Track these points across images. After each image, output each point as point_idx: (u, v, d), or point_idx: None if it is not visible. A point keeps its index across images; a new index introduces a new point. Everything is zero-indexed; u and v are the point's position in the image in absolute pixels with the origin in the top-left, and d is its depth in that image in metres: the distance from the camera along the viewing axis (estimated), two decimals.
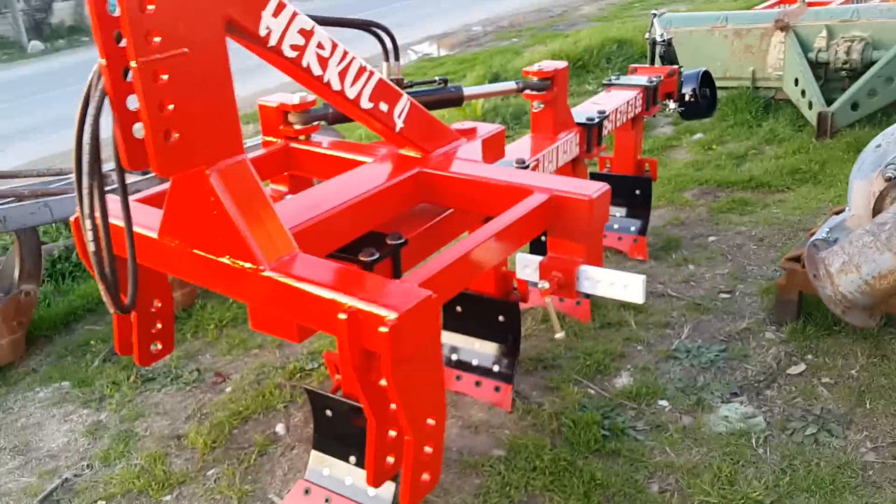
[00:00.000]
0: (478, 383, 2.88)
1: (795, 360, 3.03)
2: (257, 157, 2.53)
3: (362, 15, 2.68)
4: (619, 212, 4.06)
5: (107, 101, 1.47)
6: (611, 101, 3.60)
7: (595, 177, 4.07)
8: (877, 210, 2.79)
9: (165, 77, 1.46)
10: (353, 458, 2.30)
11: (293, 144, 2.53)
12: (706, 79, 4.52)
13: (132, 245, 1.62)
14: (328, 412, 2.30)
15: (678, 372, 3.03)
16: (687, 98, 4.38)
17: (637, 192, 3.99)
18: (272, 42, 1.70)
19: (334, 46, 1.86)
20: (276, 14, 1.69)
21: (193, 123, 1.55)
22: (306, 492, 2.39)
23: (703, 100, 4.50)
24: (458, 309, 2.84)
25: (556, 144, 3.01)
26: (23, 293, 3.34)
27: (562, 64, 3.02)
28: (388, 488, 2.37)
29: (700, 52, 6.34)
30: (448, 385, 2.75)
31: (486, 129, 2.56)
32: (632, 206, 4.04)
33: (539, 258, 2.10)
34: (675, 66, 4.13)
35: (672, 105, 4.44)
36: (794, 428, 2.67)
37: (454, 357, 2.87)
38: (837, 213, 3.12)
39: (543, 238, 2.15)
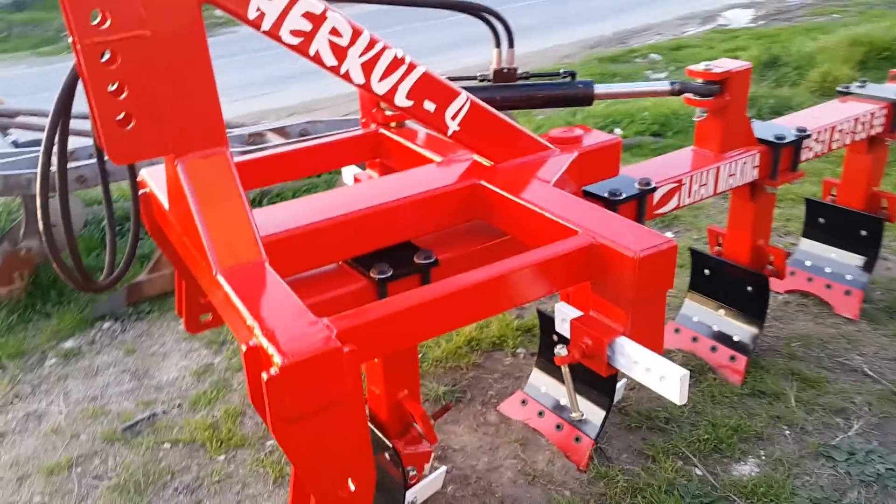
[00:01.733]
0: (558, 427, 2.51)
1: None
2: (346, 138, 2.40)
3: None
4: (835, 254, 3.26)
5: None
6: (827, 115, 2.83)
7: (811, 205, 3.31)
8: None
9: (110, 58, 1.37)
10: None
11: (382, 131, 2.36)
12: None
13: (112, 221, 1.60)
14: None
15: (825, 477, 2.35)
16: None
17: (863, 232, 3.16)
18: (265, 27, 1.53)
19: (356, 33, 1.62)
20: None
21: (156, 111, 1.45)
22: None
23: None
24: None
25: (718, 164, 2.44)
26: (23, 249, 3.68)
27: (742, 64, 2.41)
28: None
29: None
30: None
31: (595, 138, 2.12)
32: (853, 250, 3.21)
33: (577, 314, 1.69)
34: None
35: None
36: None
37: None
38: None
39: None
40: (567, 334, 1.71)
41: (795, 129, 2.60)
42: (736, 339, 2.82)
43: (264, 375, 1.23)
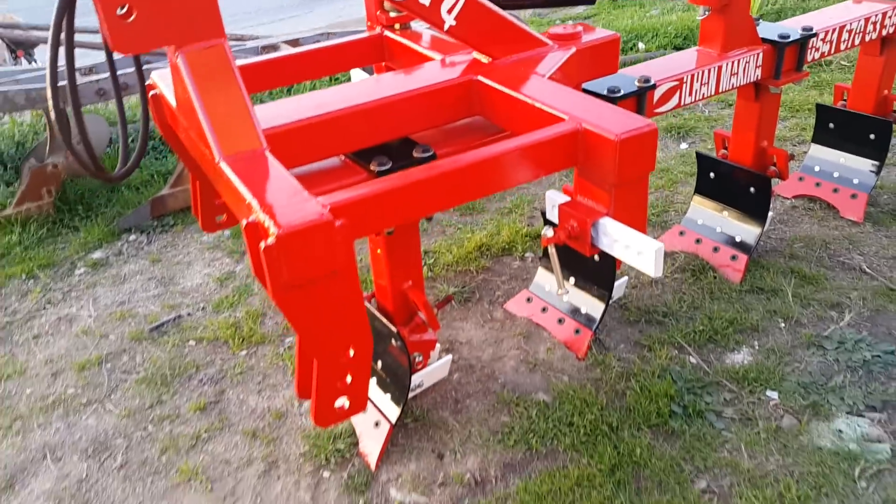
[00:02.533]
0: (560, 321, 2.63)
1: None
2: (349, 42, 2.46)
3: None
4: (843, 158, 3.27)
5: None
6: (838, 15, 2.80)
7: (821, 110, 3.30)
8: None
9: None
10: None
11: (386, 33, 2.40)
12: None
13: (122, 112, 1.69)
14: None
15: (815, 364, 2.45)
16: None
17: (872, 136, 3.15)
18: None
19: None
20: None
21: (155, 4, 1.53)
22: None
23: None
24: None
25: (720, 63, 2.45)
26: (49, 165, 3.77)
27: None
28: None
29: None
30: None
31: (594, 35, 2.15)
32: (861, 153, 3.21)
33: (565, 199, 1.77)
34: None
35: None
36: None
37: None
38: None
39: None
40: (556, 220, 1.80)
41: (801, 29, 2.58)
42: (738, 239, 2.88)
43: (262, 245, 1.34)
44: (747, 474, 2.09)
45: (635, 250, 1.58)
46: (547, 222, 1.86)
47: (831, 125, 3.27)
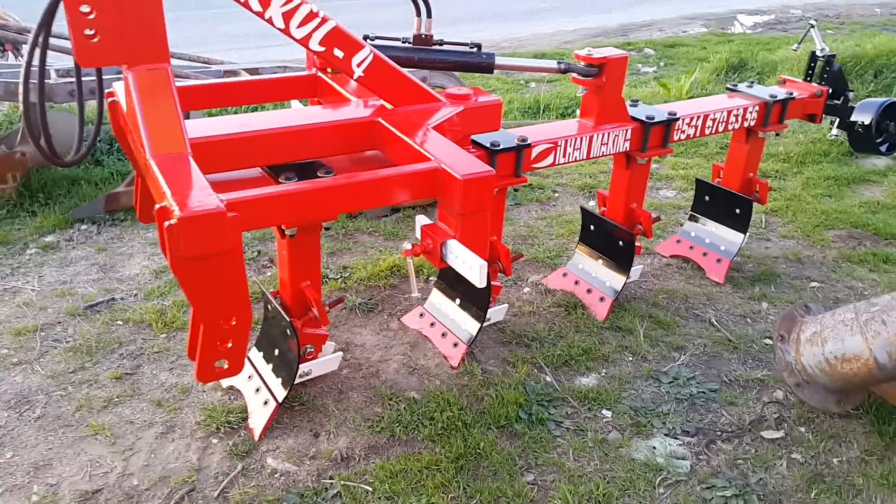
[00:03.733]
0: (443, 335, 3.05)
1: (781, 427, 2.71)
2: (289, 77, 2.91)
3: None
4: (714, 227, 3.78)
5: None
6: (707, 105, 3.33)
7: (699, 185, 3.82)
8: None
9: None
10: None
11: (319, 74, 2.85)
12: (893, 111, 3.92)
13: (81, 109, 2.10)
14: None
15: (648, 392, 2.89)
16: (856, 127, 3.86)
17: (737, 211, 3.66)
18: None
19: None
20: None
21: (114, 30, 1.95)
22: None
23: (881, 133, 3.93)
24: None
25: (592, 134, 2.94)
26: (18, 153, 4.17)
27: (618, 53, 2.90)
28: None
29: None
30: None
31: (482, 98, 2.63)
32: (729, 225, 3.72)
33: (428, 222, 2.21)
34: (824, 87, 3.63)
35: (834, 131, 3.94)
36: (714, 485, 2.45)
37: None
38: None
39: None
40: (419, 235, 2.23)
41: (667, 113, 3.10)
42: (607, 283, 3.34)
43: (166, 224, 1.75)
44: (568, 473, 2.49)
45: (468, 265, 2.02)
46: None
47: (707, 198, 3.79)
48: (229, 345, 1.96)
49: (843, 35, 11.58)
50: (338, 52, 2.31)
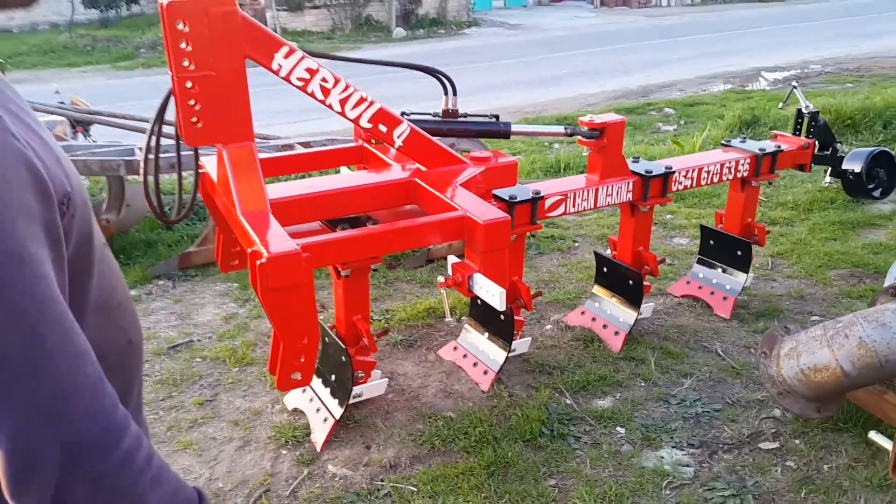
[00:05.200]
0: (475, 364, 3.50)
1: (778, 439, 3.07)
2: (340, 148, 3.47)
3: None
4: (720, 268, 4.20)
5: None
6: (702, 160, 3.81)
7: (704, 230, 4.26)
8: None
9: (191, 86, 2.44)
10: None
11: (364, 145, 3.41)
12: (882, 159, 4.35)
13: (179, 177, 2.67)
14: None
15: (659, 412, 3.28)
16: (849, 175, 4.29)
17: (738, 252, 4.08)
18: (282, 74, 2.60)
19: (337, 80, 2.68)
20: (286, 56, 2.58)
21: (212, 117, 2.52)
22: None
23: (872, 180, 4.35)
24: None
25: (597, 187, 3.43)
26: (103, 220, 4.75)
27: (616, 118, 3.42)
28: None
29: None
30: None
31: (501, 160, 3.15)
32: (732, 265, 4.14)
33: (457, 261, 2.70)
34: (811, 140, 4.09)
35: (828, 179, 4.37)
36: (715, 487, 2.83)
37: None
38: None
39: None
40: (450, 271, 2.72)
41: (664, 167, 3.58)
42: (621, 319, 3.77)
43: (257, 262, 2.27)
44: (586, 478, 2.89)
45: (490, 293, 2.49)
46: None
47: (711, 242, 4.22)
48: (302, 359, 2.45)
49: (861, 87, 12.03)
50: (382, 127, 2.85)
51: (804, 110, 4.19)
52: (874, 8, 24.07)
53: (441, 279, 2.66)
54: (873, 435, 2.26)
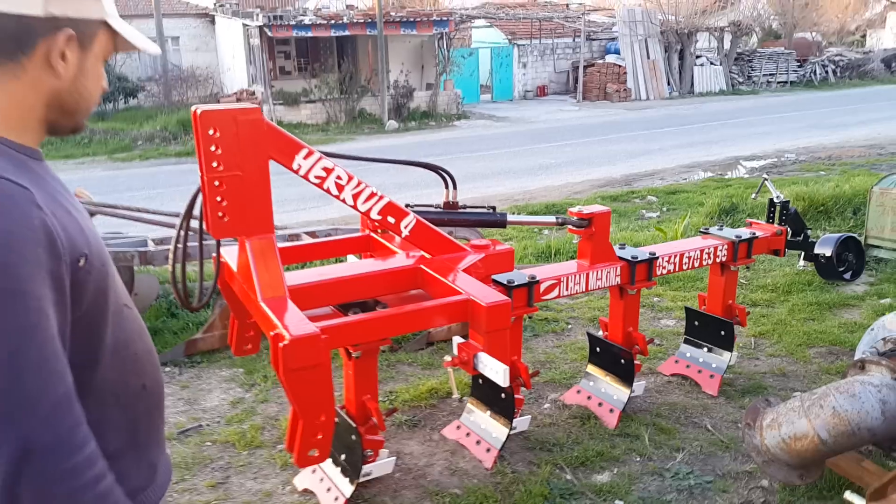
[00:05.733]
0: (478, 442, 3.65)
1: None
2: (348, 238, 3.73)
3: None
4: (706, 348, 4.42)
5: None
6: (683, 246, 4.10)
7: (688, 312, 4.50)
8: None
9: (219, 184, 2.71)
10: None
11: (371, 234, 3.67)
12: (850, 244, 4.66)
13: (201, 266, 2.89)
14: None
15: (654, 485, 3.42)
16: (820, 259, 4.58)
17: (722, 332, 4.31)
18: (301, 173, 2.88)
19: (350, 178, 2.97)
20: (306, 157, 2.87)
21: (238, 212, 2.78)
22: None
23: (842, 263, 4.64)
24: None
25: (587, 272, 3.69)
26: None
27: (602, 208, 3.71)
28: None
29: None
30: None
31: (499, 247, 3.41)
32: (716, 344, 4.36)
33: (461, 341, 2.91)
34: (783, 227, 4.40)
35: (801, 263, 4.66)
36: None
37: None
38: None
39: None
40: (456, 351, 2.93)
41: (649, 253, 3.85)
42: (615, 397, 3.95)
43: (280, 345, 2.47)
44: None
45: (493, 370, 2.69)
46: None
47: (696, 323, 4.45)
48: (320, 436, 2.62)
49: (833, 174, 12.60)
50: (391, 219, 3.12)
51: (775, 200, 4.53)
52: (836, 102, 25.35)
53: (448, 358, 2.86)
54: (848, 495, 2.43)
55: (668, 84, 28.93)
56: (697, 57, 29.98)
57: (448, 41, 24.72)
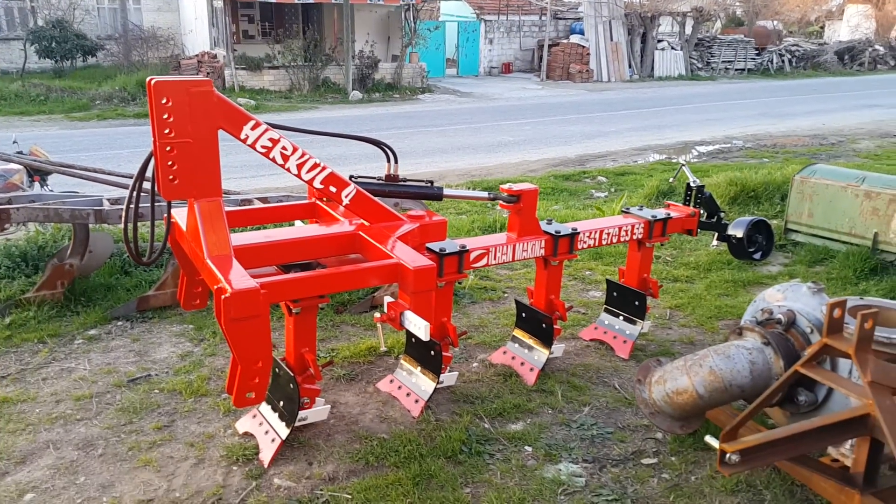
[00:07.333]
0: (408, 394, 4.01)
1: (657, 456, 3.65)
2: (295, 204, 4.02)
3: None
4: (622, 316, 4.83)
5: None
6: (604, 223, 4.48)
7: (609, 283, 4.90)
8: None
9: (170, 150, 2.97)
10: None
11: (317, 202, 3.97)
12: (761, 227, 5.09)
13: (153, 225, 3.16)
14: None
15: (561, 434, 3.83)
16: (732, 240, 5.01)
17: (636, 303, 4.73)
18: (249, 142, 3.16)
19: (295, 149, 3.25)
20: (253, 128, 3.15)
21: (187, 176, 3.05)
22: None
23: (752, 244, 5.07)
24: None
25: (514, 243, 4.05)
26: (67, 264, 5.18)
27: (532, 186, 4.07)
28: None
29: (832, 205, 6.62)
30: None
31: (434, 218, 3.74)
32: (631, 313, 4.77)
33: (392, 300, 3.25)
34: (697, 209, 4.81)
35: (714, 242, 5.09)
36: (601, 493, 3.37)
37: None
38: None
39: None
40: (386, 308, 3.27)
41: (571, 229, 4.23)
42: (535, 357, 4.34)
43: (223, 297, 2.77)
44: (496, 487, 3.40)
45: (417, 326, 3.04)
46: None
47: (615, 293, 4.86)
48: (256, 380, 2.94)
49: (776, 162, 13.19)
50: (332, 188, 3.42)
51: (692, 184, 4.94)
52: (788, 91, 26.15)
53: (377, 315, 3.20)
54: (708, 438, 2.83)
55: (630, 67, 29.42)
56: (659, 41, 30.50)
57: (415, 13, 24.76)
